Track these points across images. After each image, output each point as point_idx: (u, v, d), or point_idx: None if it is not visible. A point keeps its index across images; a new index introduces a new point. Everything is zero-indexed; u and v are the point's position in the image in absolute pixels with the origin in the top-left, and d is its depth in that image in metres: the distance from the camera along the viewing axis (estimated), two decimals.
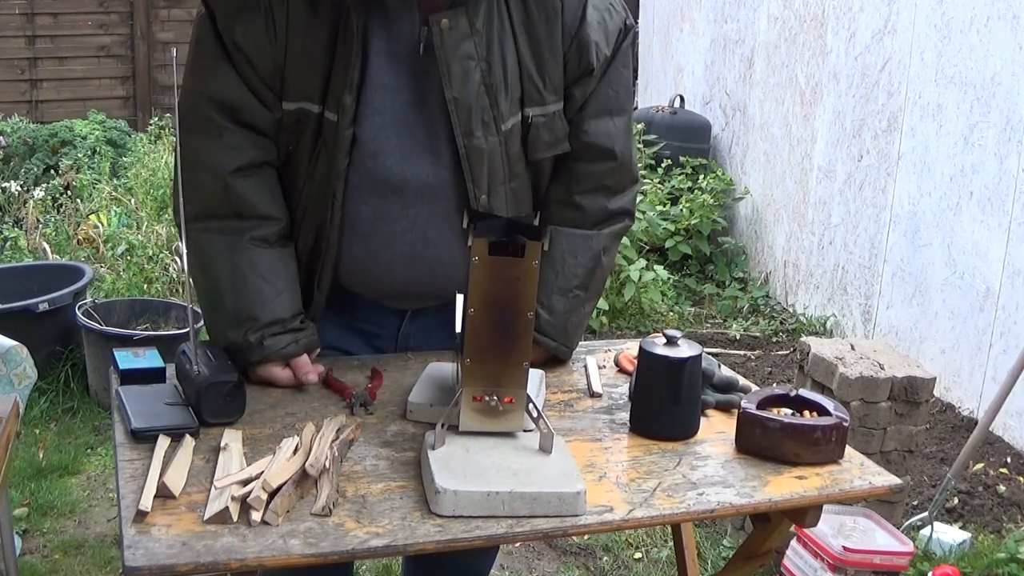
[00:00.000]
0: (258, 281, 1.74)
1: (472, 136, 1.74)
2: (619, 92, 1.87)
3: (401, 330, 1.96)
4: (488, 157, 1.76)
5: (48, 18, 7.01)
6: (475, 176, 1.76)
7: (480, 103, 1.73)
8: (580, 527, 1.45)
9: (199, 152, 1.73)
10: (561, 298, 1.86)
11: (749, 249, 5.61)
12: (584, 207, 1.87)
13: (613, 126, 1.86)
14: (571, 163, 1.87)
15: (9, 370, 2.80)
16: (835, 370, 2.89)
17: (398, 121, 1.74)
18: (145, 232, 4.90)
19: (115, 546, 2.99)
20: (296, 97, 1.73)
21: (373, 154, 1.74)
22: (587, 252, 1.88)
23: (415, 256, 1.80)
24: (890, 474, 1.66)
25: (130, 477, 1.46)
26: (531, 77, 1.77)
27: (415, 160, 1.76)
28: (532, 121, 1.79)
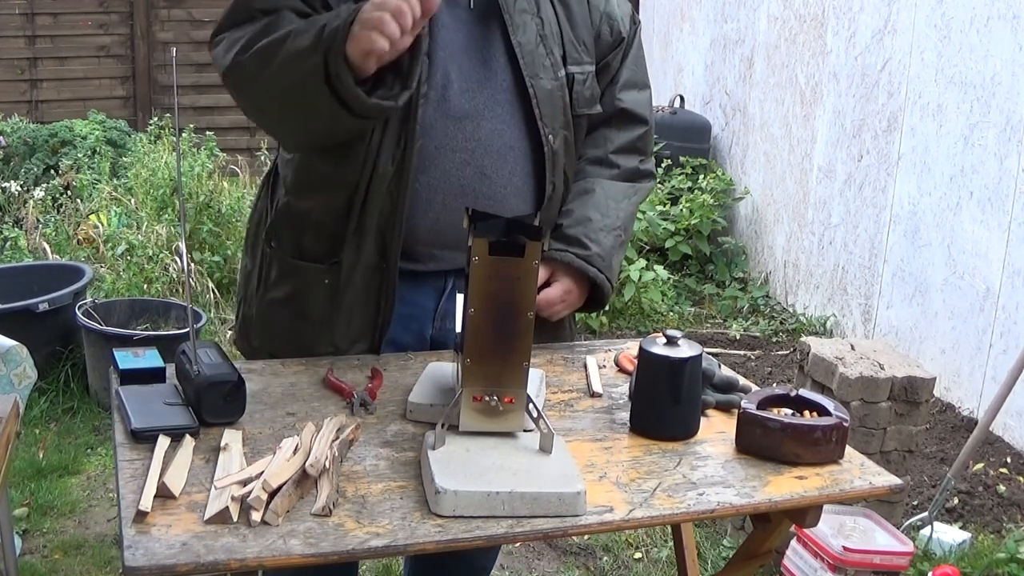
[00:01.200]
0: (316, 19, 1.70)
1: (538, 78, 1.85)
2: (641, 69, 2.06)
3: (439, 307, 1.94)
4: (551, 99, 1.87)
5: (48, 18, 7.01)
6: (544, 115, 1.86)
7: (539, 50, 1.86)
8: (580, 527, 1.44)
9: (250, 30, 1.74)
10: (608, 235, 1.94)
11: (749, 249, 5.61)
12: (620, 164, 2.01)
13: (641, 97, 2.05)
14: (606, 129, 2.02)
15: (9, 370, 2.80)
16: (835, 370, 2.89)
17: (456, 58, 1.82)
18: (145, 232, 4.91)
19: (115, 546, 3.00)
20: None
21: (435, 85, 1.80)
22: (626, 200, 2.00)
23: (472, 190, 1.84)
24: (890, 474, 1.66)
25: (130, 477, 1.46)
26: (570, 39, 1.91)
27: (472, 95, 1.83)
28: (575, 78, 1.91)
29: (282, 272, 1.94)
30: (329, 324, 1.90)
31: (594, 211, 1.93)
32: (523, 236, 1.54)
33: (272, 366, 1.87)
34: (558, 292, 1.91)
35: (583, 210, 1.94)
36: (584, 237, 1.91)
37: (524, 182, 1.88)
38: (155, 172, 5.33)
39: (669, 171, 5.75)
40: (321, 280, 1.89)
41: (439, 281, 1.93)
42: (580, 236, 1.91)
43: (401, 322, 1.93)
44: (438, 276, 1.93)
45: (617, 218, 1.96)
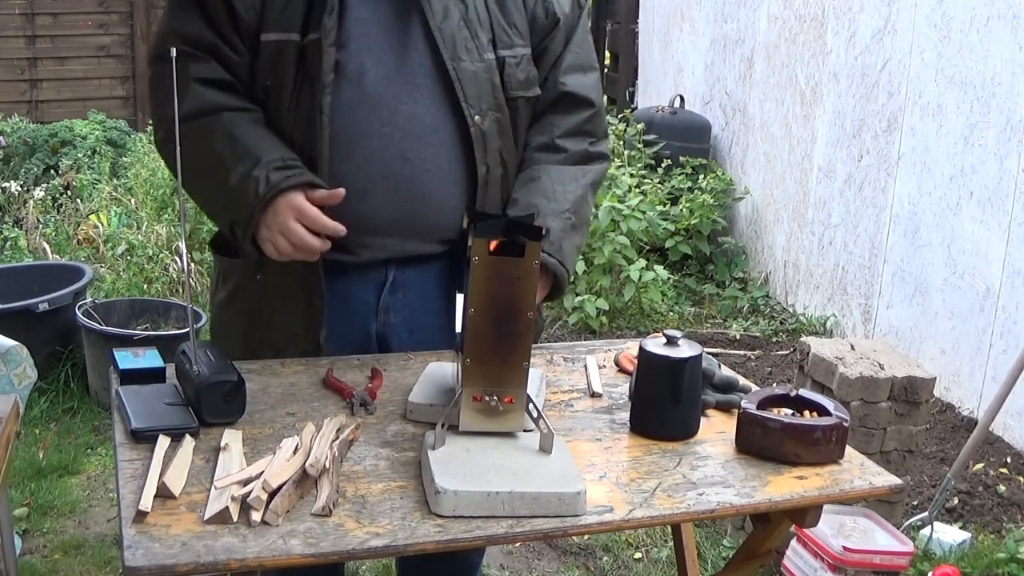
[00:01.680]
0: (249, 139, 1.80)
1: (460, 60, 1.86)
2: (587, 52, 2.04)
3: (381, 301, 1.94)
4: (476, 81, 1.87)
5: (48, 18, 7.02)
6: (468, 96, 1.86)
7: (462, 34, 1.86)
8: (580, 527, 1.45)
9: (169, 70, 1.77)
10: (556, 219, 1.91)
11: (749, 249, 5.61)
12: (567, 148, 1.99)
13: (587, 80, 2.02)
14: (552, 115, 2.00)
15: (9, 370, 2.80)
16: (835, 370, 2.89)
17: (373, 49, 1.84)
18: (145, 232, 4.91)
19: (115, 546, 3.00)
20: (276, 28, 1.81)
21: (352, 75, 1.83)
22: (575, 183, 1.97)
23: (394, 174, 1.85)
24: (890, 474, 1.66)
25: (130, 477, 1.46)
26: (499, 22, 1.91)
27: (392, 81, 1.84)
28: (506, 61, 1.91)
29: (224, 273, 2.00)
30: (265, 322, 1.92)
31: (540, 197, 1.92)
32: (523, 236, 1.54)
33: (272, 366, 1.87)
34: None
35: (528, 198, 1.92)
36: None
37: (452, 165, 1.88)
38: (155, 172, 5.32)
39: (669, 171, 5.75)
40: (253, 277, 1.91)
41: (378, 273, 1.93)
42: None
43: (343, 318, 1.93)
44: (376, 267, 1.92)
45: (565, 201, 1.93)
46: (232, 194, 1.78)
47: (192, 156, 1.78)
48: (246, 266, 1.91)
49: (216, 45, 1.83)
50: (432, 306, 1.95)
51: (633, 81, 7.45)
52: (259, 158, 1.76)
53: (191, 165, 1.78)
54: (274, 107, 1.84)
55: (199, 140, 1.80)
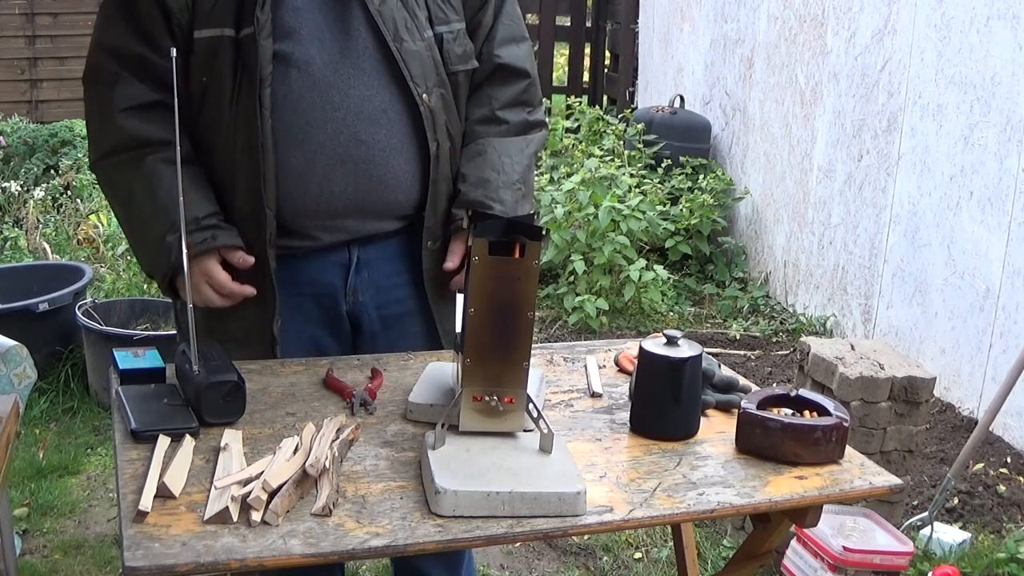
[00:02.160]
0: (165, 193, 1.81)
1: (403, 41, 1.88)
2: (517, 23, 2.08)
3: (348, 283, 1.96)
4: (420, 60, 1.90)
5: (48, 18, 7.01)
6: (414, 75, 1.89)
7: (401, 14, 1.89)
8: (580, 527, 1.45)
9: (97, 96, 1.87)
10: (508, 191, 1.96)
11: (749, 249, 5.61)
12: (508, 120, 2.03)
13: (520, 50, 2.07)
14: (489, 88, 2.04)
15: (9, 370, 2.80)
16: (835, 370, 2.89)
17: (316, 36, 1.85)
18: None
19: (115, 546, 2.99)
20: (209, 24, 1.82)
21: (295, 64, 1.84)
22: (520, 154, 2.02)
23: (349, 157, 1.87)
24: (890, 474, 1.66)
25: (130, 477, 1.46)
26: (434, 0, 1.94)
27: (339, 66, 1.86)
28: (444, 37, 1.94)
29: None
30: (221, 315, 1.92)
31: (490, 171, 1.97)
32: (523, 236, 1.54)
33: (272, 366, 1.87)
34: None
35: (479, 172, 1.97)
36: (486, 199, 1.94)
37: (404, 143, 1.91)
38: None
39: (669, 171, 5.75)
40: None
41: (341, 255, 1.95)
42: (481, 199, 1.94)
43: (314, 301, 1.96)
44: (339, 249, 1.94)
45: (514, 172, 1.99)
46: (150, 250, 1.85)
47: (114, 198, 1.91)
48: None
49: (143, 56, 1.84)
50: (396, 279, 1.99)
51: (633, 81, 7.45)
52: (173, 220, 1.75)
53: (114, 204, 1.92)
54: (213, 103, 1.85)
55: (121, 181, 1.87)
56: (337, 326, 1.98)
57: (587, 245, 4.92)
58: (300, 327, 1.95)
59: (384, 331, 2.00)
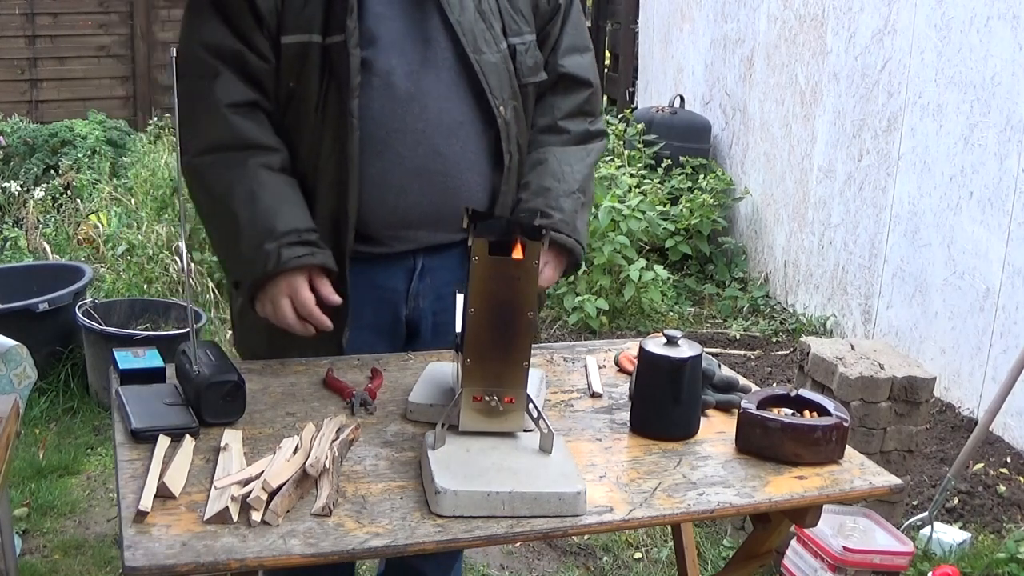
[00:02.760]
0: (269, 199, 1.79)
1: (481, 52, 1.88)
2: (581, 33, 2.09)
3: (411, 288, 1.96)
4: (496, 72, 1.90)
5: (48, 18, 7.01)
6: (492, 87, 1.89)
7: (479, 26, 1.88)
8: (580, 527, 1.45)
9: (197, 90, 1.82)
10: (568, 200, 1.97)
11: (749, 249, 5.61)
12: (569, 130, 2.04)
13: (584, 60, 2.07)
14: (552, 97, 2.05)
15: (9, 370, 2.80)
16: (835, 370, 2.89)
17: (397, 44, 1.84)
18: (145, 232, 4.90)
19: (115, 546, 2.99)
20: (296, 30, 1.80)
21: (378, 73, 1.83)
22: (580, 163, 2.03)
23: (427, 169, 1.87)
24: (890, 474, 1.66)
25: (130, 477, 1.46)
26: (508, 11, 1.94)
27: (418, 78, 1.85)
28: (516, 48, 1.95)
29: None
30: None
31: (550, 180, 1.97)
32: (523, 236, 1.54)
33: (272, 366, 1.87)
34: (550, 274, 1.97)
35: (540, 180, 1.98)
36: (546, 207, 1.94)
37: (478, 156, 1.92)
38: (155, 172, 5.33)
39: (669, 171, 5.75)
40: None
41: (407, 261, 1.96)
42: (541, 207, 1.95)
43: (374, 305, 1.95)
44: (405, 256, 1.95)
45: (574, 181, 2.00)
46: (242, 259, 1.80)
47: (209, 196, 1.83)
48: None
49: (242, 53, 1.81)
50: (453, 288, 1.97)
51: (633, 81, 7.44)
52: (273, 228, 1.76)
53: (207, 203, 1.84)
54: (299, 109, 1.84)
55: (220, 180, 1.80)
56: (394, 331, 1.99)
57: (587, 245, 4.91)
58: (359, 334, 1.95)
59: (434, 338, 2.00)
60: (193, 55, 1.82)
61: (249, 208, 1.78)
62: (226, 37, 1.81)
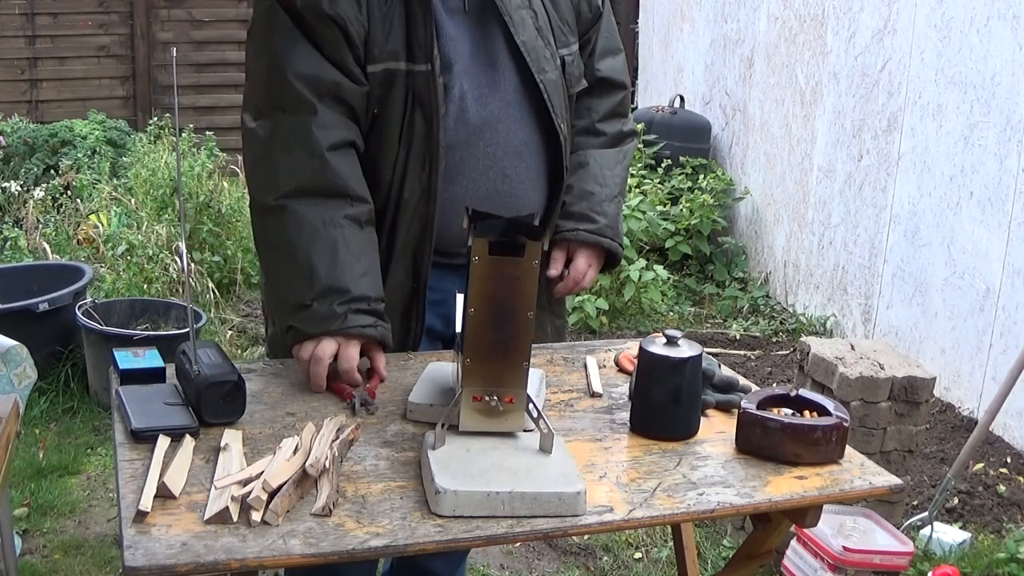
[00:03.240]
0: (349, 257, 1.77)
1: (544, 72, 1.90)
2: (613, 35, 2.12)
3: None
4: (557, 89, 1.93)
5: (48, 18, 7.01)
6: (555, 106, 1.91)
7: (538, 43, 1.89)
8: (580, 527, 1.44)
9: (294, 128, 1.77)
10: (610, 204, 2.02)
11: (749, 249, 5.61)
12: (606, 132, 2.08)
13: (617, 62, 2.11)
14: (588, 99, 2.07)
15: (9, 370, 2.80)
16: (835, 370, 2.89)
17: (467, 69, 1.85)
18: (145, 232, 4.90)
19: (115, 546, 2.99)
20: (381, 59, 1.80)
21: (454, 99, 1.84)
22: (618, 165, 2.08)
23: (496, 192, 1.89)
24: (890, 474, 1.66)
25: (130, 477, 1.46)
26: (556, 23, 1.96)
27: (486, 101, 1.87)
28: (565, 60, 1.97)
29: None
30: None
31: (593, 184, 2.01)
32: (523, 236, 1.54)
33: (272, 366, 1.87)
34: (583, 262, 2.00)
35: (582, 184, 2.01)
36: (590, 212, 1.99)
37: (540, 174, 1.95)
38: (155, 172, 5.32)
39: (669, 171, 5.75)
40: None
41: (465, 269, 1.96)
42: (587, 212, 1.99)
43: (431, 308, 1.97)
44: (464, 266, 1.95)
45: (615, 185, 2.05)
46: (308, 311, 1.75)
47: (287, 239, 1.77)
48: None
49: (339, 84, 1.78)
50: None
51: (633, 81, 7.44)
52: (348, 289, 1.74)
53: (284, 245, 1.78)
54: (381, 136, 1.83)
55: (304, 225, 1.75)
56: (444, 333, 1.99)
57: None
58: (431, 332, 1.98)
59: None
60: (287, 87, 1.76)
61: (328, 263, 1.74)
62: (322, 67, 1.76)
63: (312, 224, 1.76)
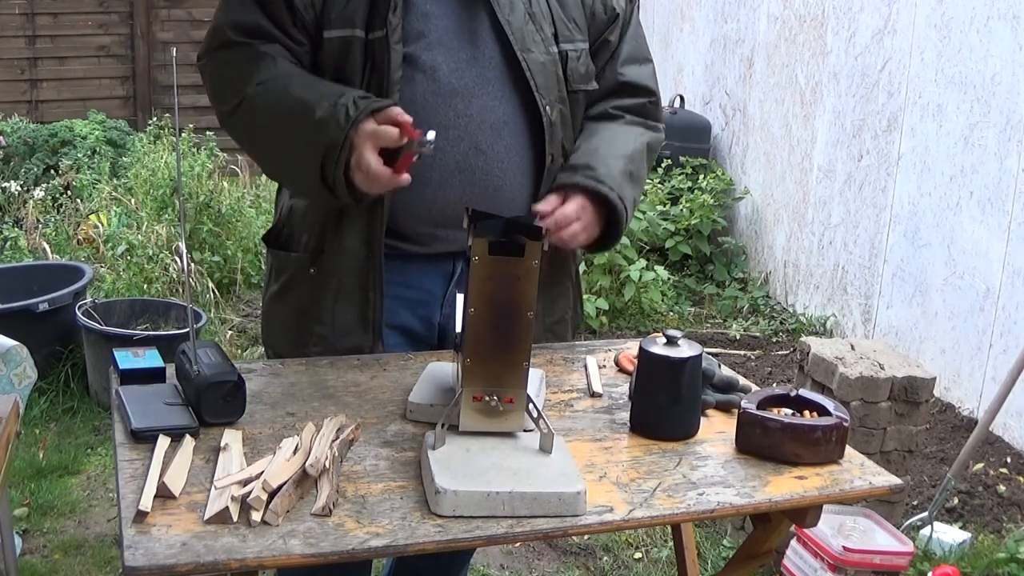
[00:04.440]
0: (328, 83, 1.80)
1: (529, 51, 1.88)
2: (641, 44, 2.09)
3: (447, 295, 1.95)
4: (544, 72, 1.89)
5: (48, 18, 7.01)
6: (540, 86, 1.88)
7: (528, 27, 1.89)
8: (580, 527, 1.44)
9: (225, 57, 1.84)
10: (616, 160, 1.93)
11: (749, 249, 5.61)
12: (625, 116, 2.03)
13: (644, 70, 2.08)
14: (610, 99, 2.03)
15: (9, 370, 2.80)
16: (835, 370, 2.89)
17: (444, 42, 1.85)
18: (145, 232, 4.90)
19: (115, 546, 3.00)
20: (339, 25, 1.82)
21: (422, 68, 1.84)
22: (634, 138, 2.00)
23: (467, 165, 1.86)
24: (890, 474, 1.66)
25: (130, 477, 1.46)
26: (560, 17, 1.93)
27: (463, 74, 1.86)
28: (568, 54, 1.94)
29: (276, 268, 1.99)
30: (317, 316, 1.91)
31: (600, 143, 1.95)
32: (523, 236, 1.54)
33: (272, 366, 1.87)
34: (573, 208, 1.86)
35: (588, 144, 1.96)
36: (591, 161, 1.92)
37: (522, 155, 1.91)
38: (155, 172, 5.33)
39: (669, 171, 5.75)
40: (307, 271, 1.91)
41: (446, 265, 1.94)
42: (587, 161, 1.92)
43: (410, 307, 1.95)
44: (444, 259, 1.94)
45: (625, 147, 1.97)
46: (320, 125, 1.74)
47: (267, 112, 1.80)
48: (300, 260, 1.92)
49: (275, 36, 1.83)
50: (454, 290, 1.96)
51: None
52: (342, 92, 1.76)
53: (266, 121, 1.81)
54: None
55: (275, 93, 1.79)
56: (425, 335, 1.98)
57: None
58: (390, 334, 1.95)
59: None
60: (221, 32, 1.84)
61: (313, 91, 1.77)
62: (262, 19, 1.82)
63: (279, 87, 1.79)
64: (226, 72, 1.85)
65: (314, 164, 1.75)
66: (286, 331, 1.95)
